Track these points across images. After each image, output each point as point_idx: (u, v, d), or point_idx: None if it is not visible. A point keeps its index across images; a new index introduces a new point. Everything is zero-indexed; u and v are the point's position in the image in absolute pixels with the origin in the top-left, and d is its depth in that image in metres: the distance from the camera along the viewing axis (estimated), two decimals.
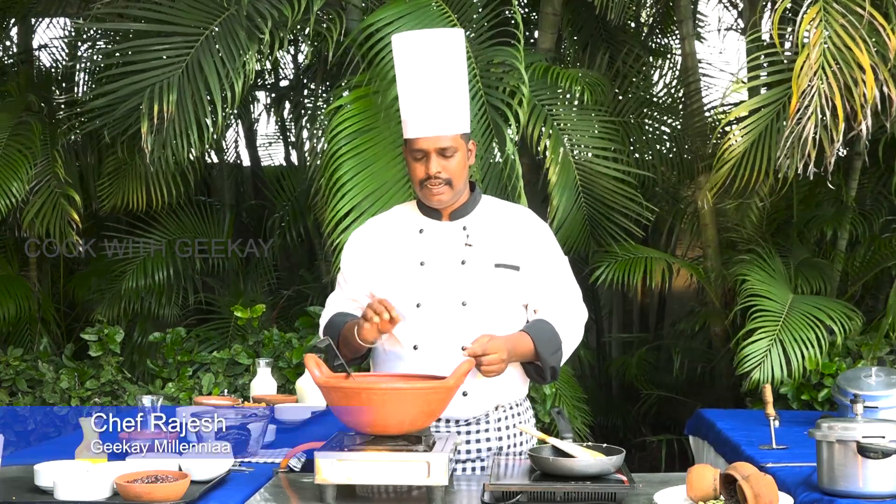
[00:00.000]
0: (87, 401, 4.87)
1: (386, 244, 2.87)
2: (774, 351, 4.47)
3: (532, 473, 2.54)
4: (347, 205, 4.56)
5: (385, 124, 4.69)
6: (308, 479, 2.58)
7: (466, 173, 2.83)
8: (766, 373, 4.44)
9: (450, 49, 2.78)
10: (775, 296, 4.75)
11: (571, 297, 2.89)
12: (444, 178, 2.76)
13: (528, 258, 2.83)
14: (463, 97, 2.81)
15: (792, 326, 4.55)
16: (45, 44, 6.77)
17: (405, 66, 2.80)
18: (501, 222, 2.87)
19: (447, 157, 2.75)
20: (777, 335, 4.52)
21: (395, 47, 2.83)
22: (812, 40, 4.16)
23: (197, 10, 4.90)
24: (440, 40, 2.80)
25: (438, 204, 2.81)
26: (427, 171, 2.75)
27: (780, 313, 4.63)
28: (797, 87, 4.14)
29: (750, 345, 4.51)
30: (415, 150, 2.77)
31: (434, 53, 2.76)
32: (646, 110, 5.95)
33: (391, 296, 2.80)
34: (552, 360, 2.77)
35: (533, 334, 2.75)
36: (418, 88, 2.76)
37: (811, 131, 4.14)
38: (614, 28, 6.25)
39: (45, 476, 2.47)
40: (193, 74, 4.74)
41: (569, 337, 2.82)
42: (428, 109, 2.75)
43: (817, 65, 4.13)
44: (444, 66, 2.76)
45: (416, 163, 2.78)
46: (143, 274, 5.99)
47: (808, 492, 2.59)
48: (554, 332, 2.78)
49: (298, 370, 4.71)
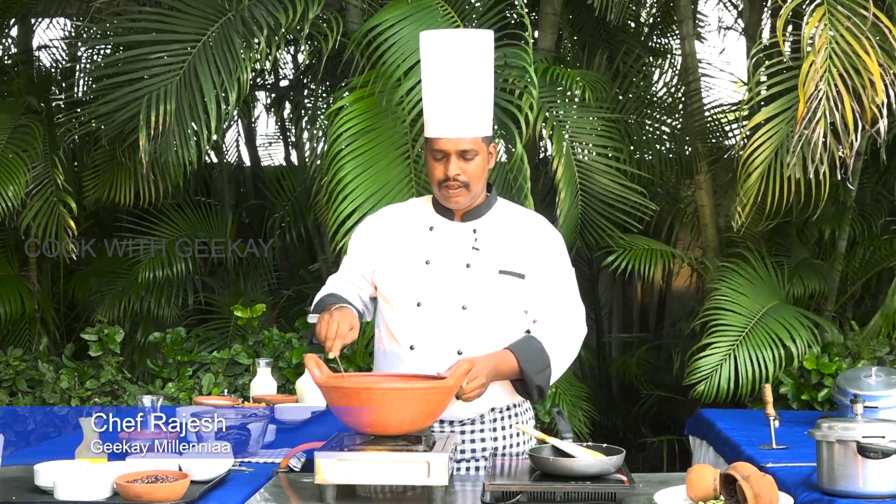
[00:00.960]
0: (87, 401, 4.87)
1: (395, 237, 2.85)
2: (726, 366, 4.59)
3: (532, 473, 2.54)
4: (350, 206, 4.56)
5: (387, 125, 4.69)
6: (308, 479, 2.58)
7: (485, 176, 2.80)
8: (711, 387, 4.58)
9: (478, 50, 2.74)
10: (743, 308, 4.80)
11: (572, 313, 2.84)
12: (463, 182, 2.73)
13: (535, 267, 2.79)
14: (488, 100, 2.77)
15: (750, 343, 4.63)
16: (45, 44, 6.77)
17: (432, 64, 2.75)
18: (513, 228, 2.83)
19: (467, 160, 2.73)
20: (733, 351, 4.62)
21: (423, 45, 2.78)
22: (817, 44, 4.13)
23: (195, 17, 4.90)
24: (469, 41, 2.76)
25: (455, 206, 2.79)
26: (446, 173, 2.72)
27: (743, 328, 4.70)
28: (804, 91, 4.11)
29: (701, 359, 4.63)
30: (435, 150, 2.74)
31: (462, 54, 2.72)
32: (646, 110, 5.94)
33: (392, 291, 2.80)
34: (538, 379, 2.72)
35: (518, 353, 2.70)
36: (444, 88, 2.72)
37: (821, 135, 4.11)
38: (614, 28, 6.25)
39: (45, 476, 2.47)
40: (190, 82, 4.75)
41: (560, 356, 2.78)
42: (452, 110, 2.71)
43: (823, 68, 4.10)
44: (471, 68, 2.72)
45: (435, 163, 2.75)
46: (143, 274, 5.99)
47: (808, 492, 2.59)
48: (542, 351, 2.73)
49: (298, 370, 4.71)
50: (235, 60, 4.69)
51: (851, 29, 4.14)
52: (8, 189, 5.23)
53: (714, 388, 4.56)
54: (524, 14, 4.82)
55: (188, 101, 4.72)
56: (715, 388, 4.56)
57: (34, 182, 5.40)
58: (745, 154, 4.48)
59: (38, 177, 5.43)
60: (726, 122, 6.00)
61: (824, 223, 5.40)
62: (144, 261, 6.04)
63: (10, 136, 5.42)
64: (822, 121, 4.10)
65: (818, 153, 4.16)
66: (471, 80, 2.72)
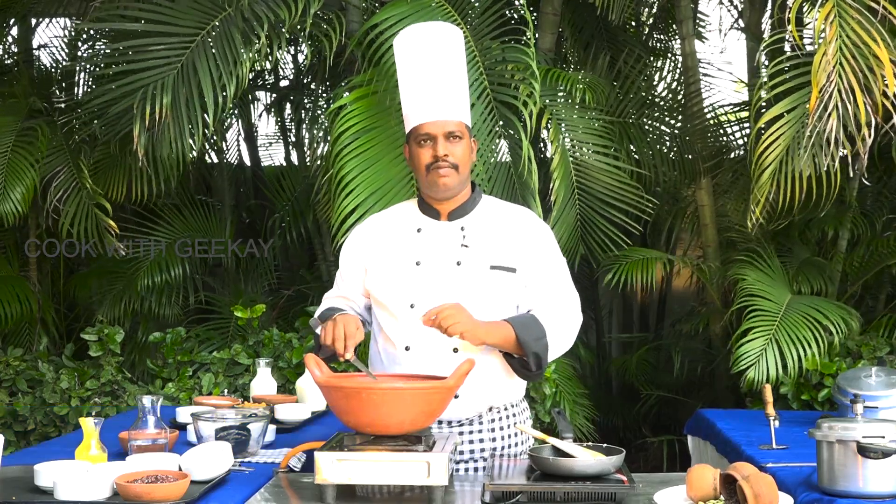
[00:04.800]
0: (87, 401, 4.87)
1: (383, 242, 2.86)
2: (770, 350, 4.47)
3: (532, 473, 2.54)
4: (351, 204, 4.57)
5: (388, 123, 4.71)
6: (308, 479, 2.58)
7: (470, 165, 2.82)
8: (761, 372, 4.44)
9: (448, 41, 2.79)
10: (772, 295, 4.75)
11: (566, 300, 2.82)
12: (452, 162, 2.75)
13: (526, 260, 2.80)
14: (463, 89, 2.81)
15: (789, 326, 4.54)
16: (44, 44, 6.77)
17: (406, 60, 2.81)
18: (500, 223, 2.85)
19: (454, 142, 2.75)
20: (773, 335, 4.52)
21: (397, 46, 2.84)
22: (829, 35, 4.11)
23: (194, 11, 4.90)
24: (438, 33, 2.81)
25: (445, 189, 2.77)
26: (435, 153, 2.74)
27: (777, 313, 4.62)
28: (816, 82, 4.09)
29: (745, 344, 4.51)
30: (421, 136, 2.76)
31: (433, 45, 2.78)
32: (646, 110, 5.94)
33: (385, 295, 2.80)
34: (536, 346, 2.67)
35: (512, 320, 2.69)
36: (420, 78, 2.77)
37: (833, 128, 4.10)
38: (614, 28, 6.25)
39: (45, 476, 2.47)
40: (188, 76, 4.74)
41: (556, 330, 2.73)
42: (432, 96, 2.75)
43: (835, 60, 4.09)
44: (443, 57, 2.78)
45: (421, 149, 2.76)
46: (143, 273, 6.00)
47: (808, 492, 2.59)
48: (535, 320, 2.71)
49: (298, 370, 4.71)
50: (234, 54, 4.68)
51: (861, 21, 4.12)
52: (16, 190, 5.25)
53: (763, 374, 4.44)
54: (526, 12, 4.81)
55: (185, 95, 4.71)
56: (764, 374, 4.43)
57: (63, 188, 5.44)
58: (756, 153, 4.46)
59: (65, 182, 5.46)
60: (727, 122, 5.99)
61: (826, 222, 5.39)
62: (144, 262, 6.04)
63: (16, 139, 5.43)
64: (835, 113, 4.08)
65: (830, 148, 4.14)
66: (445, 68, 2.77)
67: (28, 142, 5.45)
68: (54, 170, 5.45)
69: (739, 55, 6.82)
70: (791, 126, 4.42)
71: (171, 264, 6.05)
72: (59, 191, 5.43)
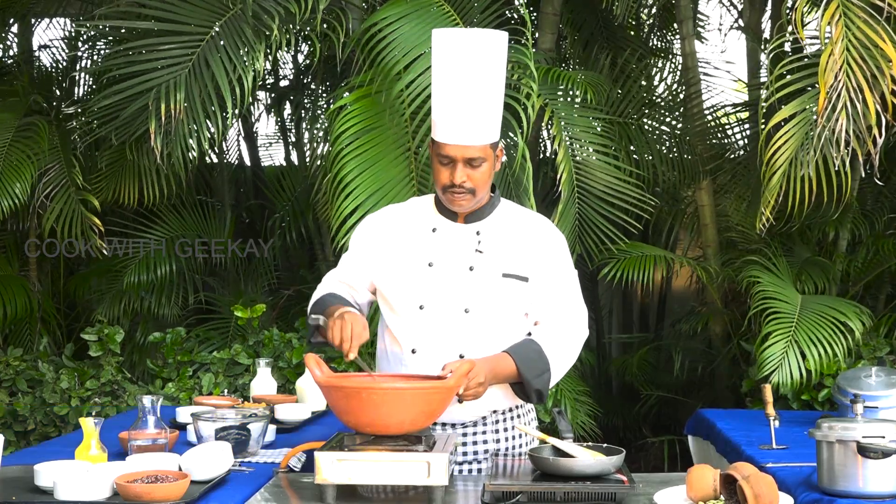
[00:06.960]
0: (87, 401, 4.87)
1: (397, 238, 2.82)
2: (791, 353, 4.45)
3: (532, 473, 2.54)
4: (351, 204, 4.57)
5: (388, 123, 4.70)
6: (308, 479, 2.58)
7: (490, 181, 2.77)
8: (784, 375, 4.41)
9: (492, 53, 2.67)
10: (786, 297, 4.72)
11: (574, 316, 2.81)
12: (468, 188, 2.70)
13: (538, 270, 2.77)
14: (498, 105, 2.72)
15: (806, 327, 4.51)
16: (45, 44, 6.76)
17: (443, 64, 2.68)
18: (516, 230, 2.81)
19: (474, 167, 2.69)
20: (792, 336, 4.49)
21: (435, 43, 2.71)
22: (835, 34, 4.10)
23: (202, 9, 4.89)
24: (483, 42, 2.67)
25: (458, 209, 2.77)
26: (452, 179, 2.69)
27: (793, 314, 4.59)
28: (824, 81, 4.08)
29: (768, 348, 4.46)
30: (442, 156, 2.70)
31: (476, 56, 2.64)
32: (646, 110, 5.94)
33: (394, 294, 2.78)
34: (537, 383, 2.70)
35: (516, 357, 2.68)
36: (455, 92, 2.65)
37: (843, 127, 4.08)
38: (615, 28, 6.25)
39: (45, 476, 2.47)
40: (201, 73, 4.73)
41: (560, 359, 2.75)
42: (462, 118, 2.65)
43: (842, 59, 4.07)
44: (484, 72, 2.65)
45: (441, 167, 2.71)
46: (143, 273, 5.99)
47: (808, 492, 2.59)
48: (541, 354, 2.71)
49: (298, 370, 4.71)
50: (247, 47, 4.67)
51: (868, 20, 4.11)
52: (15, 187, 5.24)
53: (787, 376, 4.40)
54: (525, 12, 4.81)
55: (199, 92, 4.70)
56: (788, 376, 4.40)
57: (52, 184, 5.42)
58: (766, 156, 4.44)
59: (55, 178, 5.44)
60: (727, 123, 5.99)
61: (828, 223, 5.39)
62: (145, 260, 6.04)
63: (14, 135, 5.42)
64: (844, 113, 4.06)
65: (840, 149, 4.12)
66: (483, 85, 2.66)
67: (27, 136, 5.43)
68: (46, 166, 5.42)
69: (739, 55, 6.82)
70: (800, 127, 4.41)
71: (158, 262, 6.03)
72: (47, 187, 5.40)
